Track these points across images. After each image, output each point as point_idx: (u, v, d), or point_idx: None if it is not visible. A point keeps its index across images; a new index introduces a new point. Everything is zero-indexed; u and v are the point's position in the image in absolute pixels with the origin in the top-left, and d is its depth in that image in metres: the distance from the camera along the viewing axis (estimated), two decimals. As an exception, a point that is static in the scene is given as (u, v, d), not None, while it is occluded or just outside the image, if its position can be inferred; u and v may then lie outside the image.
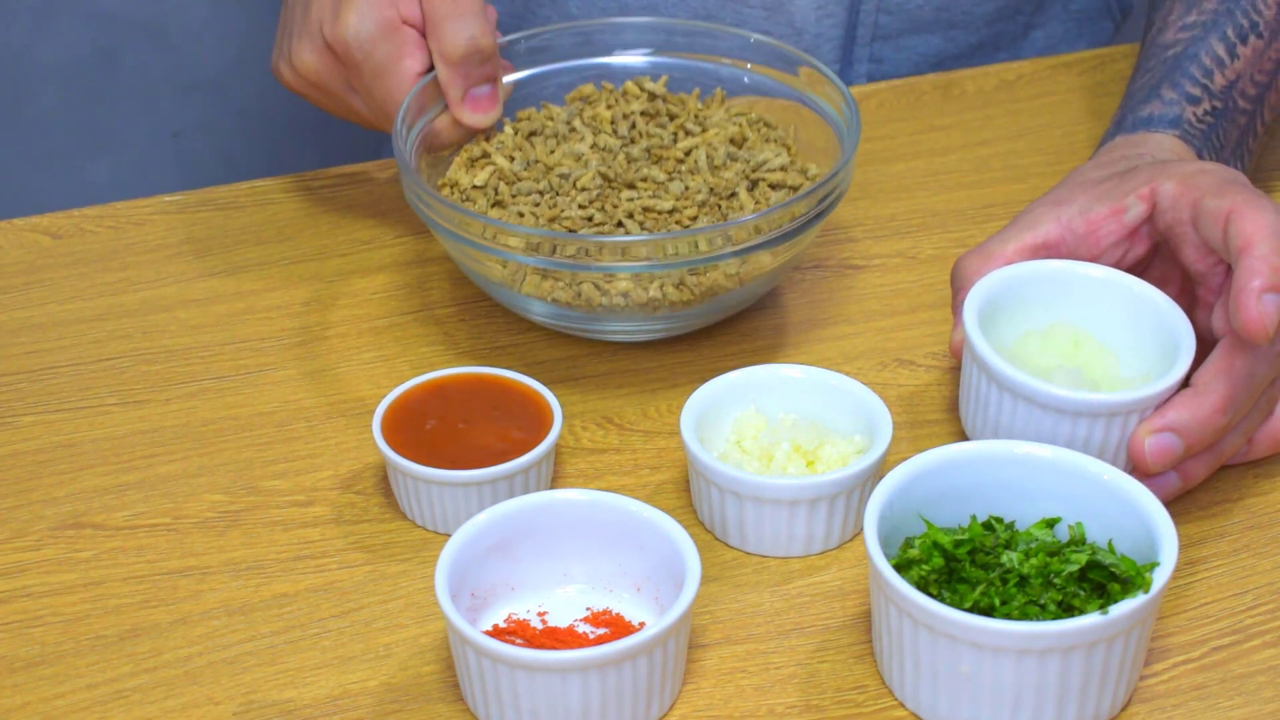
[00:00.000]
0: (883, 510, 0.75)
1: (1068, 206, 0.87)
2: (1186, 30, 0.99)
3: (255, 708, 0.75)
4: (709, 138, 0.96)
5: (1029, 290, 0.86)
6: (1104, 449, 0.81)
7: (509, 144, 0.96)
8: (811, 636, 0.78)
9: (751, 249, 0.88)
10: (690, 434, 0.83)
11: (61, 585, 0.81)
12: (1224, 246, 0.81)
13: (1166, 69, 0.97)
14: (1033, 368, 0.84)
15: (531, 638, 0.75)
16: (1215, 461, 0.83)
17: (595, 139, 0.96)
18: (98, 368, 0.94)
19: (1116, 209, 0.86)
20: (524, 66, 1.02)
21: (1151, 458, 0.80)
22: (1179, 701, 0.75)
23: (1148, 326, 0.85)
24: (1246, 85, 0.98)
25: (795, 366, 0.87)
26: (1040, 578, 0.73)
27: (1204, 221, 0.83)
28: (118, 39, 1.84)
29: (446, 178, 0.96)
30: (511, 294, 0.91)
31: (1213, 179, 0.84)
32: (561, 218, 0.91)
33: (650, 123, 0.97)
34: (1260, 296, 0.78)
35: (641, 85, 0.99)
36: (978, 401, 0.84)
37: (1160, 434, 0.80)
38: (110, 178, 1.91)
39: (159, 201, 1.06)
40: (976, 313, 0.84)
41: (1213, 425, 0.80)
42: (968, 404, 0.85)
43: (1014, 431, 0.82)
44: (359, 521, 0.84)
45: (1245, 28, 0.98)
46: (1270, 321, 0.78)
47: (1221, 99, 0.96)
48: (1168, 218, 0.85)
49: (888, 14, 1.19)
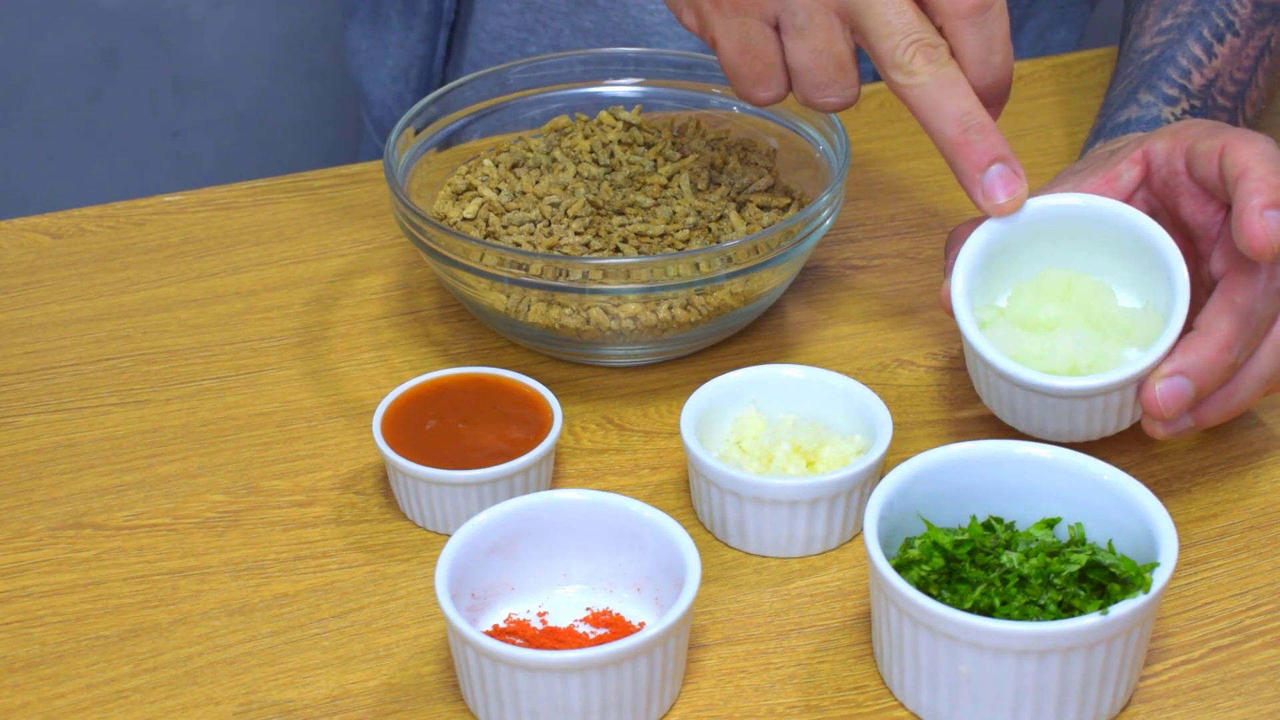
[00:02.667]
0: (883, 510, 0.75)
1: (1059, 186, 0.87)
2: (1163, 34, 0.99)
3: (255, 708, 0.75)
4: (688, 163, 0.96)
5: (1011, 241, 0.85)
6: (1122, 407, 0.82)
7: (493, 176, 0.96)
8: (811, 636, 0.78)
9: (756, 268, 0.88)
10: (690, 434, 0.83)
11: (61, 585, 0.81)
12: (1220, 182, 0.81)
13: (1144, 74, 0.98)
14: (1034, 324, 0.84)
15: (531, 638, 0.75)
16: (1226, 407, 0.83)
17: (578, 168, 0.96)
18: (98, 368, 0.94)
19: (1110, 177, 0.86)
20: (520, 90, 1.02)
21: (1164, 404, 0.80)
22: (1179, 701, 0.75)
23: (1134, 249, 0.84)
24: (1225, 83, 0.98)
25: (795, 367, 0.87)
26: (1040, 578, 0.73)
27: (1198, 163, 0.83)
28: (118, 39, 1.84)
29: (433, 211, 0.96)
30: (514, 323, 0.91)
31: (1201, 127, 0.85)
32: (560, 245, 0.91)
33: (628, 151, 0.98)
34: (1263, 212, 0.78)
35: (616, 115, 1.00)
36: (990, 389, 0.84)
37: (1170, 379, 0.80)
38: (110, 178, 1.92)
39: (159, 201, 1.07)
40: (965, 296, 0.84)
41: (1220, 364, 0.80)
42: (982, 389, 0.85)
43: (1031, 413, 0.83)
44: (359, 521, 0.84)
45: (1221, 27, 0.98)
46: (1275, 236, 0.78)
47: (1200, 98, 0.96)
48: (1163, 174, 0.85)
49: None
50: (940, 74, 0.83)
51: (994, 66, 0.84)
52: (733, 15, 0.87)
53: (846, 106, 0.88)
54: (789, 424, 0.85)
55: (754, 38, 0.87)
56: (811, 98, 0.87)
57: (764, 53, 0.87)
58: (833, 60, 0.86)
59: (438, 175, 0.99)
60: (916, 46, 0.83)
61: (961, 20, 0.84)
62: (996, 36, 0.84)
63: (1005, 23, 0.85)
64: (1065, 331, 0.83)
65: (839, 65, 0.86)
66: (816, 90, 0.87)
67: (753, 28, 0.86)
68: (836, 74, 0.86)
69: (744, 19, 0.86)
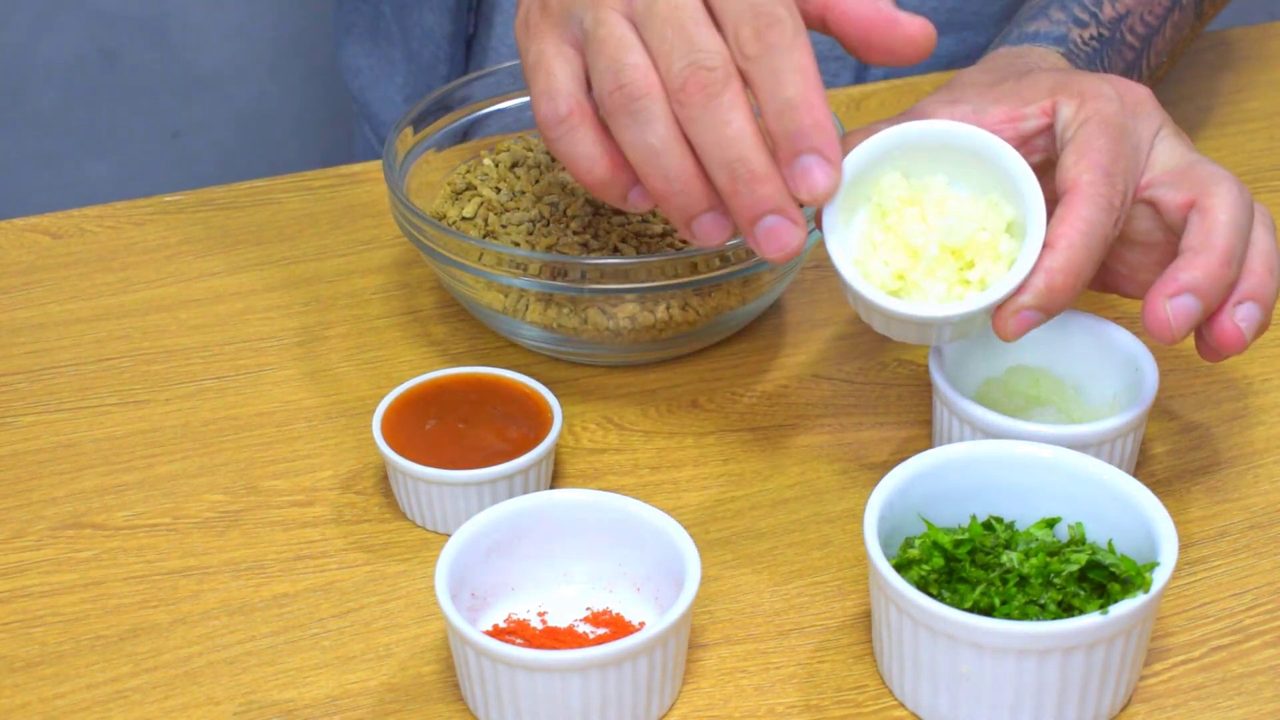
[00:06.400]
0: (883, 510, 0.75)
1: (961, 105, 0.82)
2: None
3: (255, 708, 0.75)
4: None
5: (985, 338, 0.86)
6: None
7: (493, 175, 0.96)
8: (811, 636, 0.78)
9: (754, 269, 0.88)
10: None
11: (61, 585, 0.81)
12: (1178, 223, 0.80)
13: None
14: (1005, 411, 0.85)
15: (531, 638, 0.75)
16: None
17: None
18: (98, 368, 0.94)
19: (1013, 115, 0.82)
20: (520, 89, 1.02)
21: (1176, 323, 0.78)
22: (1179, 701, 0.75)
23: (1103, 356, 0.85)
24: (1135, 23, 0.97)
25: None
26: (1040, 578, 0.73)
27: (1163, 204, 0.81)
28: (118, 39, 1.84)
29: (432, 210, 0.96)
30: (513, 322, 0.91)
31: (1112, 106, 0.80)
32: (559, 245, 0.91)
33: None
34: (1169, 301, 0.78)
35: None
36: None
37: (1178, 298, 0.78)
38: (110, 178, 1.92)
39: (159, 201, 1.07)
40: (944, 373, 0.84)
41: (1223, 279, 0.79)
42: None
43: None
44: (359, 521, 0.84)
45: None
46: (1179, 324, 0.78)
47: (1109, 29, 0.95)
48: (1063, 139, 0.81)
49: None
50: (714, 106, 0.74)
51: (788, 103, 0.74)
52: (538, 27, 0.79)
53: (648, 209, 0.80)
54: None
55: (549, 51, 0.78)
56: (611, 121, 0.76)
57: (554, 69, 0.78)
58: (618, 42, 0.75)
59: (437, 175, 0.99)
60: (692, 70, 0.74)
61: (748, 60, 0.74)
62: (786, 68, 0.74)
63: (798, 55, 0.74)
64: (1037, 409, 0.84)
65: (622, 42, 0.75)
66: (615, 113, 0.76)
67: (549, 42, 0.78)
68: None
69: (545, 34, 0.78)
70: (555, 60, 0.78)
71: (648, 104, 0.75)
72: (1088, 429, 0.81)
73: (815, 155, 0.74)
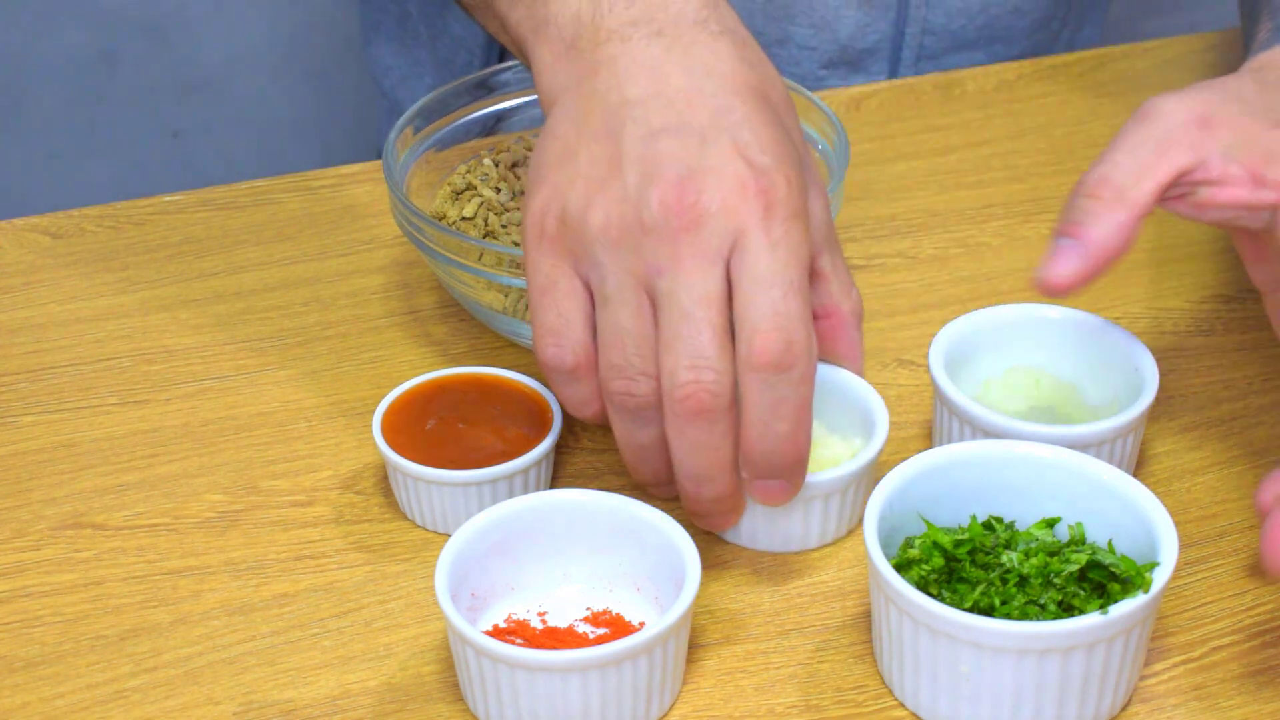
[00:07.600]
0: (883, 510, 0.75)
1: (1211, 143, 0.76)
2: None
3: (255, 708, 0.75)
4: None
5: (984, 339, 0.86)
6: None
7: (493, 175, 0.96)
8: (811, 636, 0.78)
9: None
10: None
11: (61, 585, 0.81)
12: None
13: None
14: (1006, 412, 0.85)
15: (531, 638, 0.75)
16: None
17: None
18: (98, 368, 0.94)
19: (1258, 177, 0.75)
20: (521, 89, 1.02)
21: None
22: (1179, 701, 0.75)
23: (1103, 356, 0.85)
24: None
25: None
26: (1040, 578, 0.73)
27: None
28: (118, 39, 1.84)
29: (432, 210, 0.96)
30: (513, 322, 0.91)
31: None
32: None
33: None
34: None
35: None
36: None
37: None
38: (110, 178, 1.92)
39: (159, 201, 1.07)
40: (943, 368, 0.85)
41: None
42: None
43: None
44: (359, 521, 0.84)
45: None
46: None
47: None
48: None
49: (932, 35, 1.19)
50: (703, 430, 0.74)
51: (775, 435, 0.74)
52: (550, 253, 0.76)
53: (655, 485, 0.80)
54: None
55: (561, 282, 0.76)
56: (606, 387, 0.76)
57: (567, 307, 0.76)
58: (634, 339, 0.74)
59: (437, 175, 0.99)
60: (693, 388, 0.73)
61: (753, 373, 0.73)
62: (787, 401, 0.74)
63: (804, 391, 0.74)
64: (1035, 411, 0.86)
65: (639, 344, 0.74)
66: (609, 377, 0.75)
67: (562, 273, 0.76)
68: (640, 363, 0.75)
69: (557, 261, 0.76)
70: (568, 299, 0.76)
71: (648, 414, 0.76)
72: (1088, 429, 0.81)
73: (784, 480, 0.77)
